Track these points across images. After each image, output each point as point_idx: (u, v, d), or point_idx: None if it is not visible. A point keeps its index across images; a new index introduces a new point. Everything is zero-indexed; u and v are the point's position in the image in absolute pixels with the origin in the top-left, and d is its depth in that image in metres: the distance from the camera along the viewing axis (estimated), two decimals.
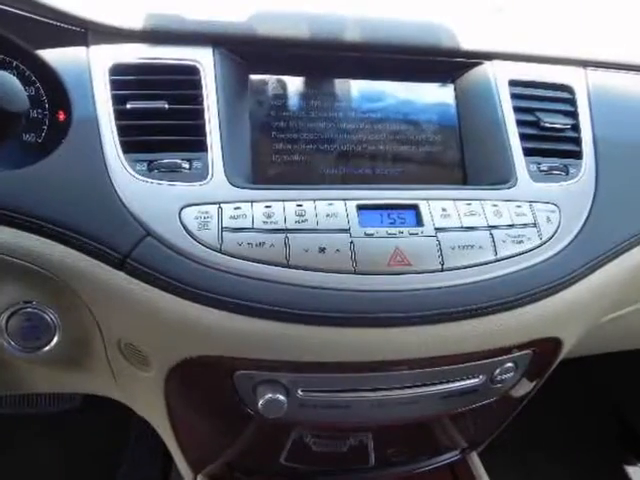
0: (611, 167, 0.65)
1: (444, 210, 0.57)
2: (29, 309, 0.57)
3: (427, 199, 0.58)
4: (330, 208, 0.55)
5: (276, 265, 0.52)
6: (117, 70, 0.57)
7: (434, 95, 0.67)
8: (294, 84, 0.63)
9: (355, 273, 0.53)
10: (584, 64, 0.70)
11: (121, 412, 0.81)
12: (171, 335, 0.55)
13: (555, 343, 0.65)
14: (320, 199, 0.56)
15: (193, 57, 0.59)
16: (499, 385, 0.65)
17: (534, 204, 0.60)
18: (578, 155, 0.66)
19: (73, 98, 0.56)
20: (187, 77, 0.58)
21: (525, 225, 0.59)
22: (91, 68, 0.57)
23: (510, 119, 0.64)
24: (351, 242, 0.54)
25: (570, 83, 0.68)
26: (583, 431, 1.27)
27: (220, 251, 0.52)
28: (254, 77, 0.62)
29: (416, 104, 0.66)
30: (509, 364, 0.63)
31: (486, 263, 0.56)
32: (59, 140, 0.54)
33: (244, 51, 0.61)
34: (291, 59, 0.63)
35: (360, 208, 0.56)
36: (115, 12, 0.58)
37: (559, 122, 0.66)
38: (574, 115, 0.67)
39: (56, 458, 1.14)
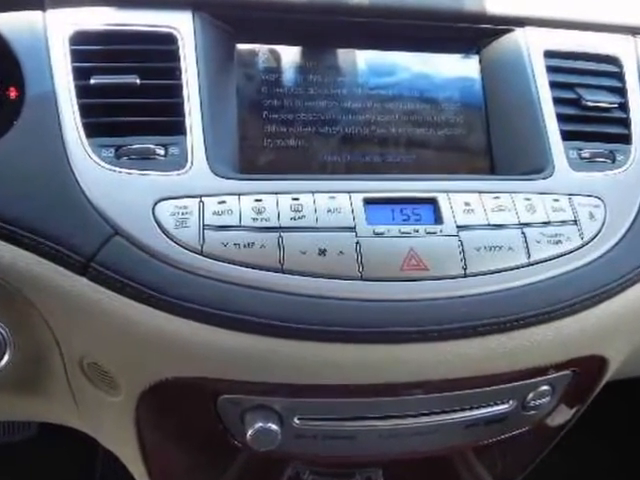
0: None
1: (467, 204, 0.57)
2: None
3: (447, 191, 0.58)
4: (332, 202, 0.55)
5: (268, 270, 0.52)
6: (79, 38, 0.57)
7: (456, 68, 0.67)
8: (289, 55, 0.63)
9: (362, 279, 0.53)
10: (633, 31, 0.70)
11: (84, 442, 0.81)
12: (143, 353, 0.55)
13: (599, 362, 0.65)
14: (320, 191, 0.56)
15: (169, 23, 0.59)
16: (532, 412, 0.64)
17: (574, 197, 0.60)
18: (626, 139, 0.66)
19: (27, 72, 0.55)
20: (162, 47, 0.58)
21: (563, 222, 0.59)
22: (48, 36, 0.57)
23: (546, 97, 0.64)
24: (357, 242, 0.54)
25: (617, 54, 0.68)
26: (630, 464, 1.27)
27: (201, 253, 0.52)
28: (242, 47, 0.62)
29: (434, 79, 0.66)
30: (544, 387, 0.62)
31: (517, 267, 0.56)
32: (10, 122, 0.54)
33: (230, 16, 0.61)
34: (285, 25, 0.63)
35: (368, 202, 0.56)
36: None
37: (604, 100, 0.66)
38: (622, 92, 0.67)
39: None
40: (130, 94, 0.56)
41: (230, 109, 0.60)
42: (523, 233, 0.57)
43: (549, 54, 0.66)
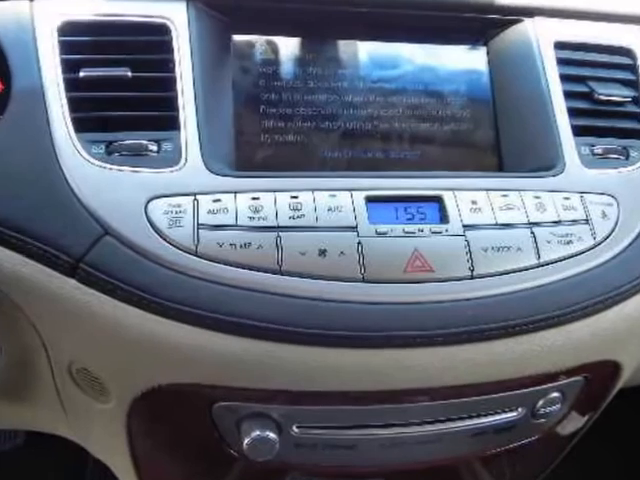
0: None
1: (474, 203, 0.57)
2: None
3: (453, 189, 0.58)
4: (332, 200, 0.55)
5: (265, 271, 0.52)
6: (68, 29, 0.57)
7: (462, 60, 0.67)
8: (287, 47, 0.63)
9: (363, 281, 0.53)
10: None
11: (73, 452, 0.81)
12: (134, 358, 0.55)
13: (612, 368, 0.65)
14: (320, 189, 0.56)
15: (162, 13, 0.59)
16: (542, 420, 0.64)
17: (586, 195, 0.60)
18: None
19: (13, 64, 0.55)
20: (155, 38, 0.58)
21: (575, 221, 0.59)
22: (35, 27, 0.57)
23: (556, 90, 0.64)
24: (359, 243, 0.54)
25: (630, 46, 0.68)
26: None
27: (196, 254, 0.52)
28: (238, 38, 0.62)
29: (439, 71, 0.66)
30: (555, 394, 0.62)
31: (526, 269, 0.56)
32: None
33: (225, 6, 0.61)
34: (284, 15, 0.63)
35: (370, 200, 0.56)
36: None
37: (617, 94, 0.66)
38: (635, 85, 0.67)
39: None
40: (121, 87, 0.56)
41: (226, 103, 0.60)
42: (532, 233, 0.57)
43: (560, 46, 0.66)
